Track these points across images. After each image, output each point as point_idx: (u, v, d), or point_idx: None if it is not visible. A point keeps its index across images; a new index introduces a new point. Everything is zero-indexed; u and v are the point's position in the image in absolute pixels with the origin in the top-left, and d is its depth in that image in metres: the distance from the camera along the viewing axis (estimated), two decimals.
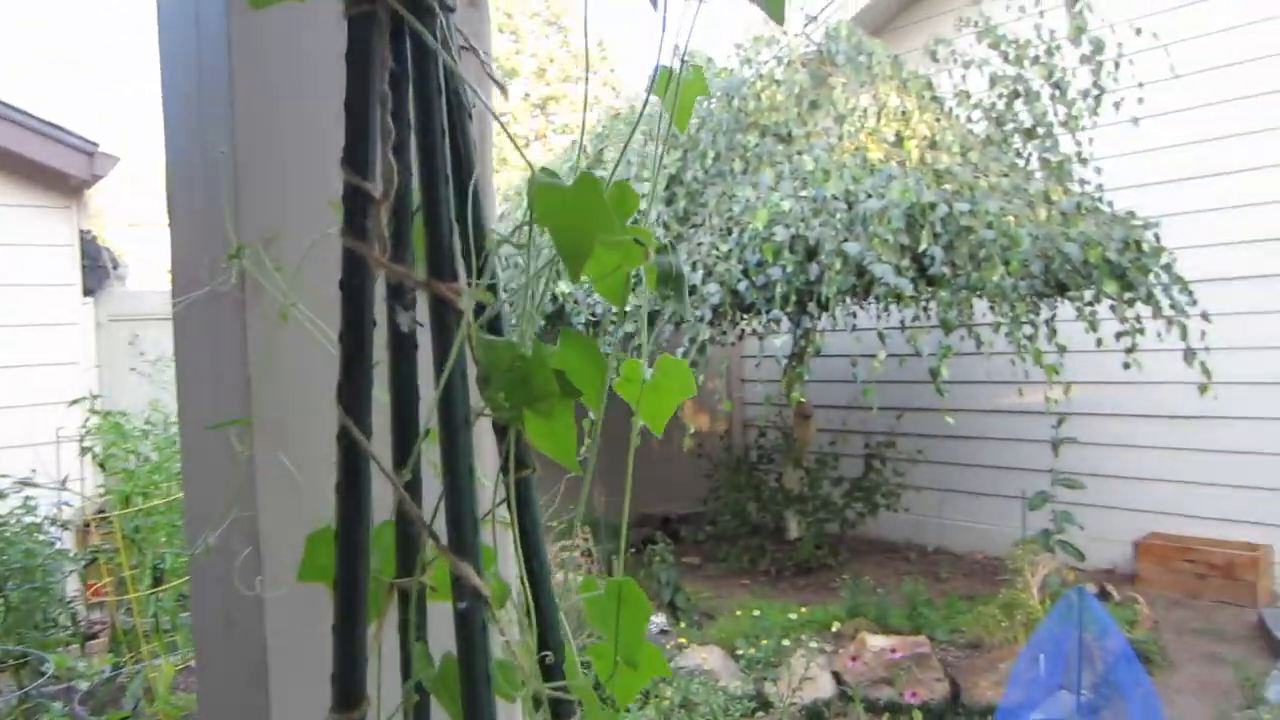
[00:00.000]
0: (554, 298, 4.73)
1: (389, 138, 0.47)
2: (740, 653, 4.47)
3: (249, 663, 0.63)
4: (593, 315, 4.75)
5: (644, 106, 0.58)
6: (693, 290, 4.31)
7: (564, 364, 0.50)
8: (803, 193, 4.43)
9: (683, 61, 0.49)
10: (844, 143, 4.71)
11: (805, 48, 5.31)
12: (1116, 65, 5.05)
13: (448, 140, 0.47)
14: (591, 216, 0.42)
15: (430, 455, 0.50)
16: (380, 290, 0.49)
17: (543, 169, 0.43)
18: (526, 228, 0.45)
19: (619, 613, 0.56)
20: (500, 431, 0.52)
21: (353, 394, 0.46)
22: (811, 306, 4.23)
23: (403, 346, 0.49)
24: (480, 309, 0.48)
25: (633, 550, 5.44)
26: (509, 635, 0.47)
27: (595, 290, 0.53)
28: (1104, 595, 5.19)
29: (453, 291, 0.45)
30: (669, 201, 5.01)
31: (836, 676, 4.29)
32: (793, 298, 4.17)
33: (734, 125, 5.13)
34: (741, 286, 4.26)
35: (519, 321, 0.47)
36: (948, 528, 6.57)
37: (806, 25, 5.32)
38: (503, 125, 0.51)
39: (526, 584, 0.49)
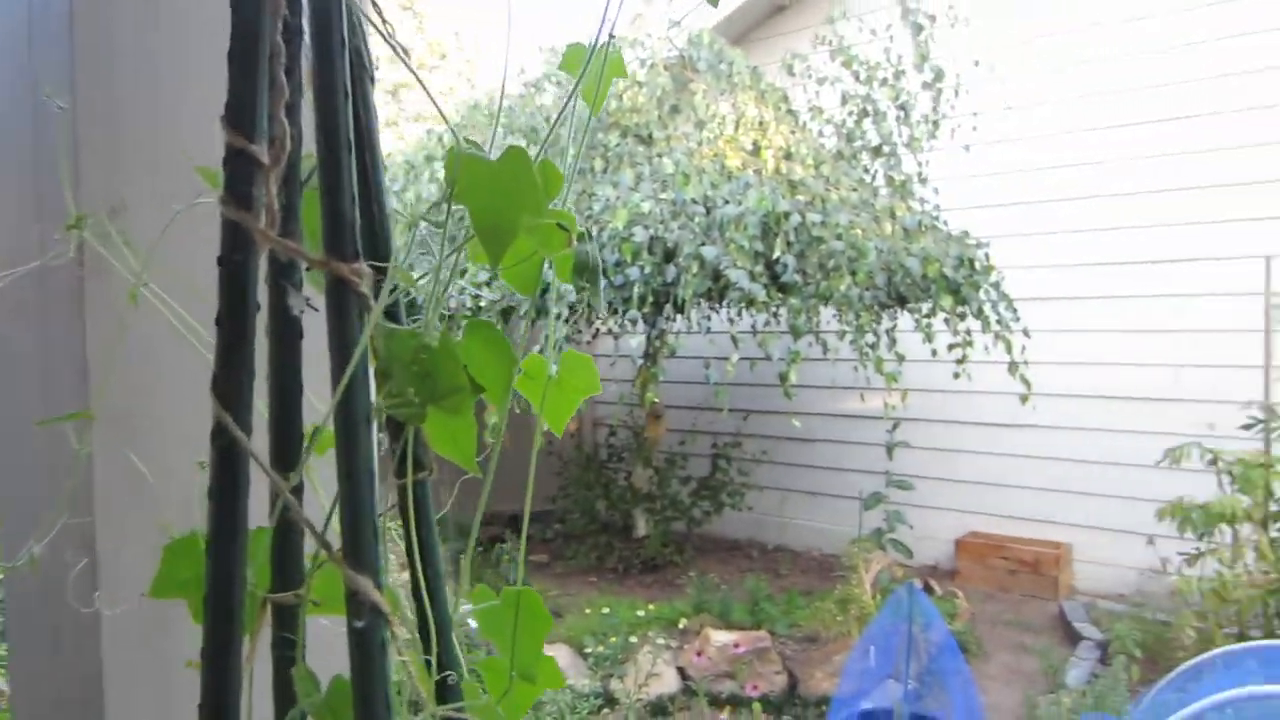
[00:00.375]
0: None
1: (282, 95, 0.42)
2: (588, 650, 4.46)
3: (80, 689, 0.55)
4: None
5: (502, 96, 0.54)
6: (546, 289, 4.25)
7: (469, 357, 0.46)
8: (662, 195, 4.47)
9: (610, 38, 0.46)
10: (703, 148, 4.79)
11: (668, 51, 5.37)
12: (956, 93, 5.38)
13: (350, 103, 0.42)
14: (518, 195, 0.38)
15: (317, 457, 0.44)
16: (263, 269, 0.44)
17: (468, 140, 0.39)
18: (442, 205, 0.40)
19: (517, 624, 0.52)
20: (395, 429, 0.47)
21: (231, 385, 0.40)
22: (668, 308, 4.28)
23: (289, 333, 0.43)
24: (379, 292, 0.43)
25: (480, 549, 5.33)
26: (404, 654, 0.43)
27: (503, 277, 0.49)
28: (928, 590, 5.52)
29: (355, 273, 0.40)
30: None
31: (681, 672, 4.35)
32: (649, 299, 4.20)
33: (595, 124, 5.12)
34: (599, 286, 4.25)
35: (425, 309, 0.43)
36: (788, 526, 6.81)
37: (670, 29, 5.38)
38: (421, 83, 0.47)
39: (423, 597, 0.45)
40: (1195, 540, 4.24)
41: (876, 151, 5.45)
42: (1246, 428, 4.30)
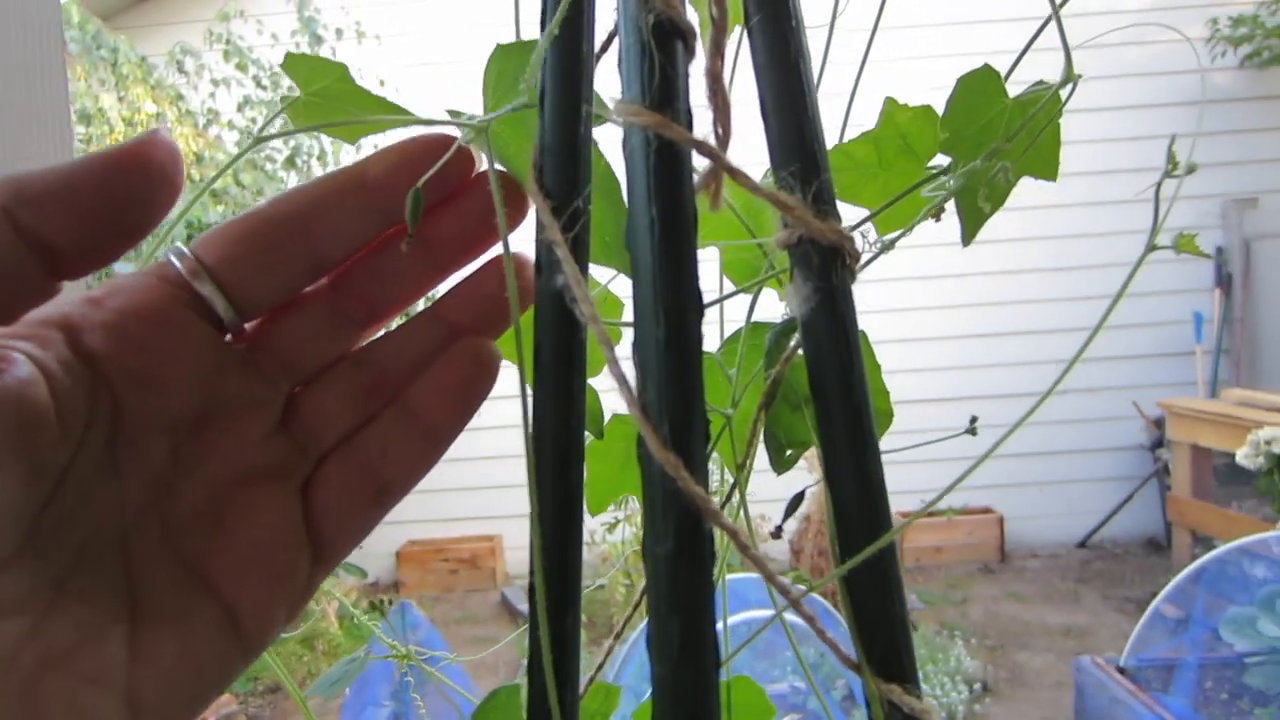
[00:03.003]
0: None
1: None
2: None
3: None
4: None
5: None
6: None
7: None
8: None
9: None
10: (91, 147, 4.02)
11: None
12: None
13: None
14: None
15: None
16: None
17: None
18: None
19: None
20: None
21: None
22: None
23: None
24: None
25: None
26: None
27: None
28: (376, 607, 5.48)
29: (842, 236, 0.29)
30: None
31: None
32: None
33: None
34: None
35: None
36: None
37: None
38: None
39: None
40: (615, 511, 4.97)
41: (289, 162, 5.19)
42: None
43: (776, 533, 0.51)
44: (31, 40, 0.55)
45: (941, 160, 0.37)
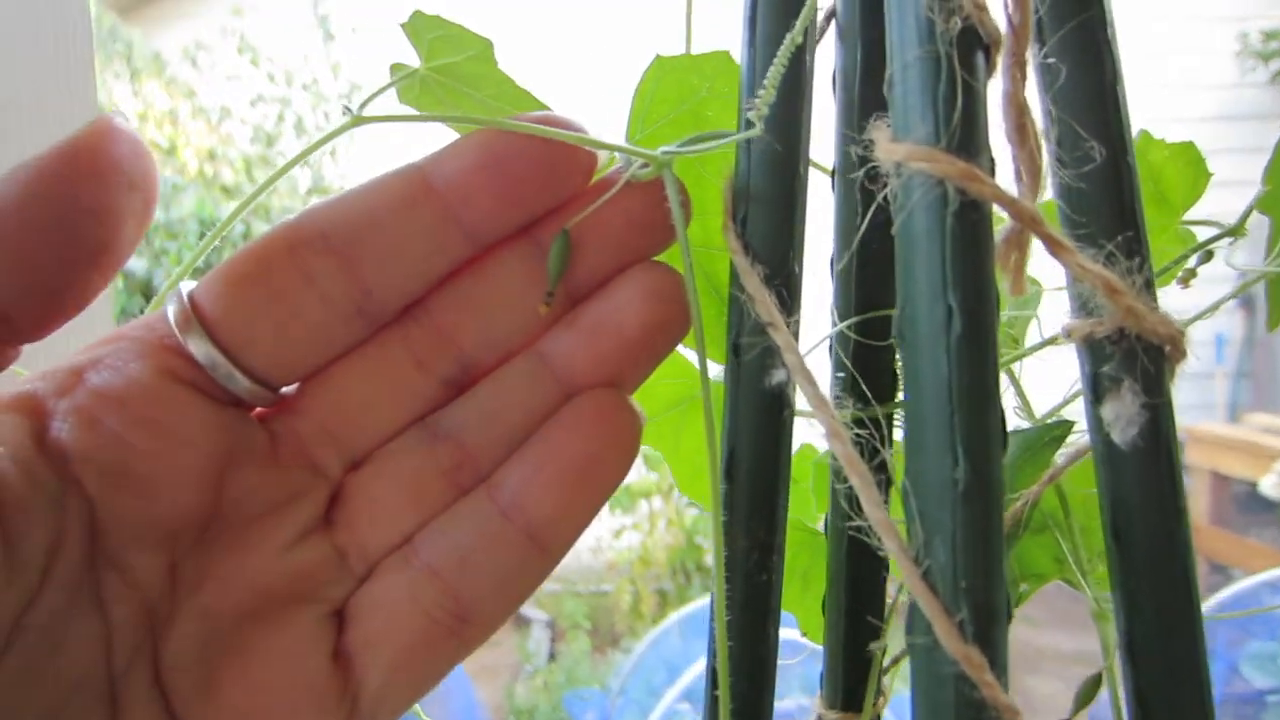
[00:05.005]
0: None
1: None
2: None
3: None
4: None
5: None
6: None
7: None
8: None
9: None
10: None
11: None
12: (366, 105, 5.31)
13: None
14: None
15: None
16: None
17: None
18: None
19: None
20: None
21: None
22: None
23: None
24: None
25: None
26: None
27: None
28: None
29: None
30: None
31: None
32: None
33: None
34: None
35: None
36: None
37: None
38: None
39: None
40: (623, 517, 4.89)
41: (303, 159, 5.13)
42: None
43: None
44: (64, 38, 0.49)
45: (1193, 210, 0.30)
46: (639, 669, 3.19)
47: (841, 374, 0.26)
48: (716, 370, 0.33)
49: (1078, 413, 0.32)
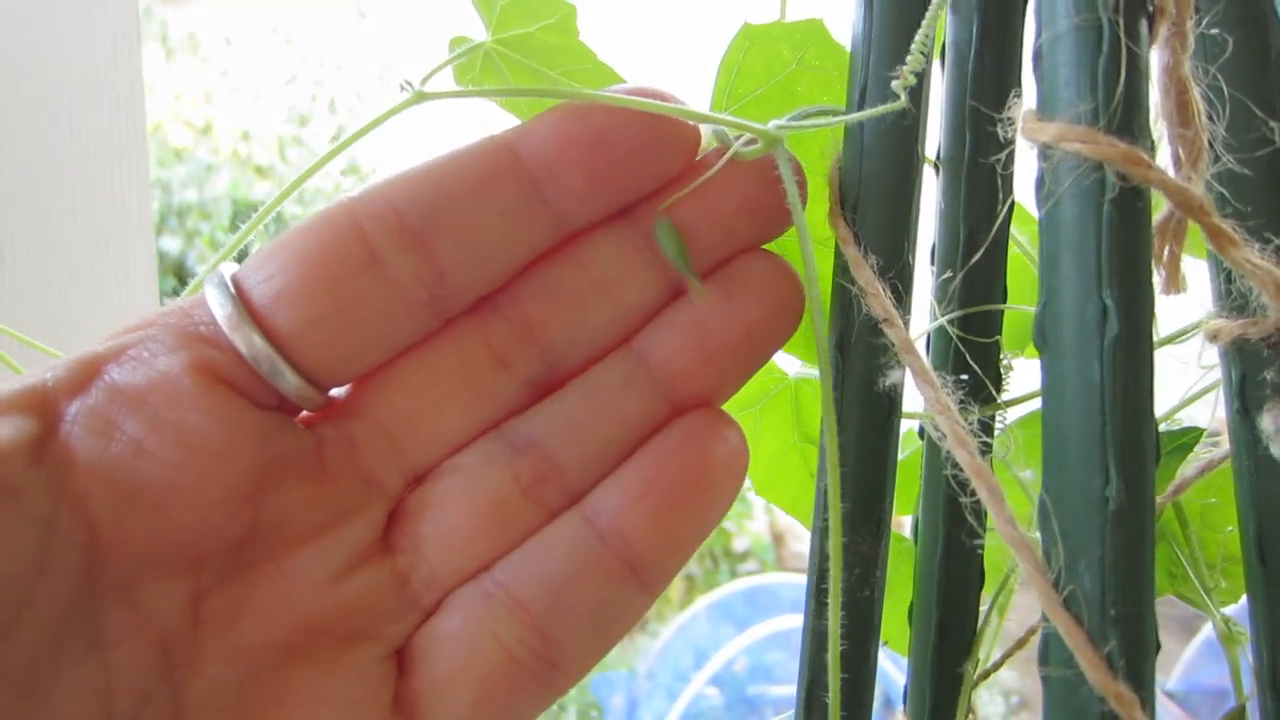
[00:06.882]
0: None
1: None
2: None
3: None
4: None
5: None
6: None
7: None
8: None
9: None
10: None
11: None
12: (400, 88, 5.31)
13: None
14: None
15: None
16: None
17: None
18: None
19: None
20: None
21: None
22: None
23: None
24: None
25: None
26: None
27: None
28: None
29: None
30: None
31: None
32: None
33: None
34: None
35: None
36: None
37: None
38: None
39: None
40: None
41: (334, 139, 5.15)
42: None
43: None
44: (110, 17, 0.49)
45: None
46: (666, 653, 3.18)
47: (942, 374, 0.24)
48: (795, 367, 0.31)
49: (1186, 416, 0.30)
